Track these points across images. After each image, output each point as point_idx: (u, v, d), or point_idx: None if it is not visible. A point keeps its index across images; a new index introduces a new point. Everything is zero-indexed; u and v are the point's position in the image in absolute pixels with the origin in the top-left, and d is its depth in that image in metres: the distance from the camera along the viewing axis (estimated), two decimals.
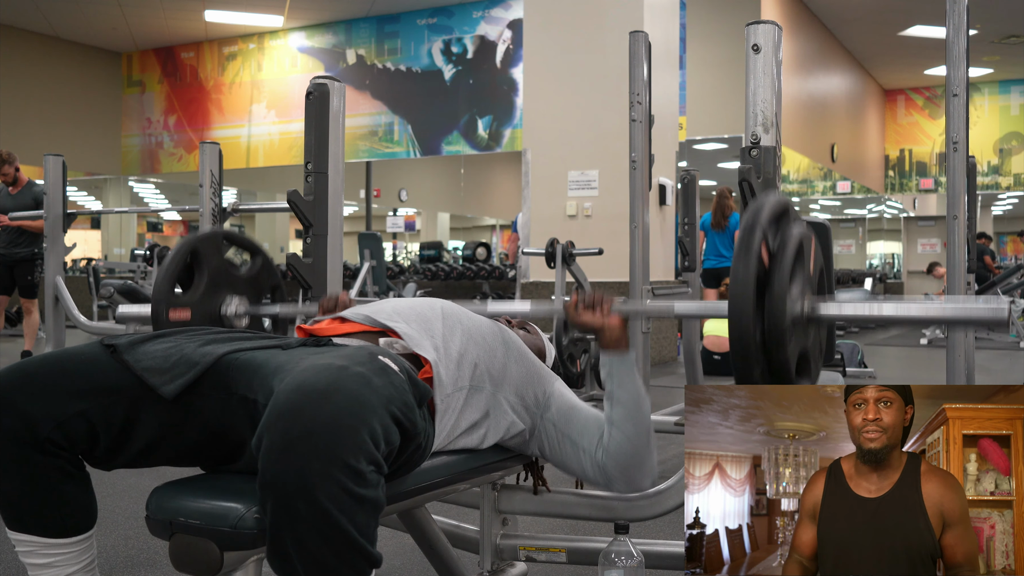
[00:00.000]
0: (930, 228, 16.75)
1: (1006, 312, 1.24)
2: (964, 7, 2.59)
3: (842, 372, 4.75)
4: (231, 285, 1.95)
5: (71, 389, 1.28)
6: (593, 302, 1.57)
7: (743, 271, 1.25)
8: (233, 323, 1.93)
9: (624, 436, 1.56)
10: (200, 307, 1.88)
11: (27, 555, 1.31)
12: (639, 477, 1.58)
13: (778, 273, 1.27)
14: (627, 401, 1.56)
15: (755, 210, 1.31)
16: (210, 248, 1.92)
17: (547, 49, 6.98)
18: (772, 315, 1.26)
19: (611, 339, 1.57)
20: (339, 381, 1.14)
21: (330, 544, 1.08)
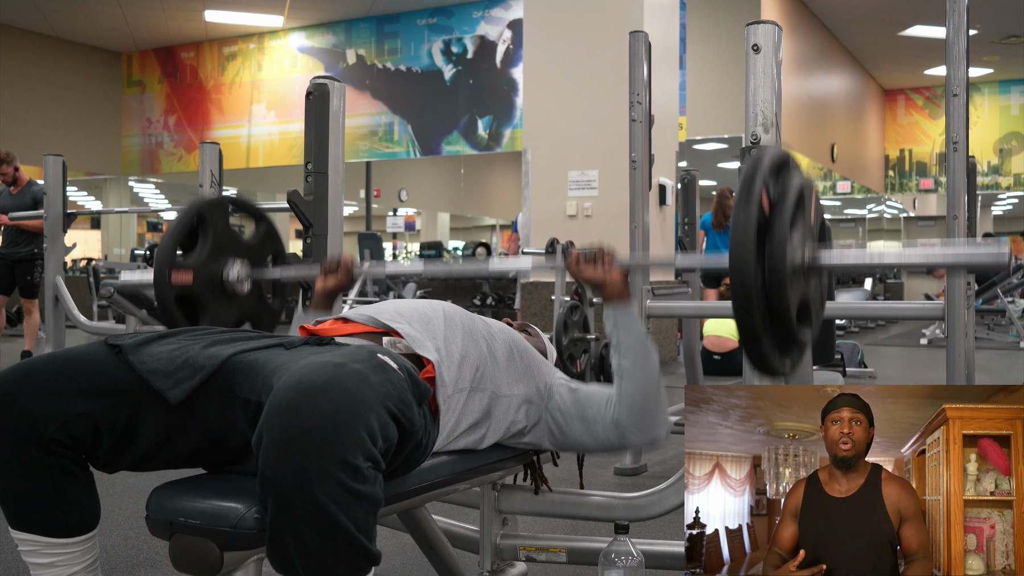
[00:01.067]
0: (930, 228, 16.75)
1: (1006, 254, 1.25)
2: (964, 7, 2.59)
3: (842, 372, 4.75)
4: (234, 250, 1.94)
5: (75, 389, 1.28)
6: (595, 256, 1.58)
7: (744, 217, 1.25)
8: (235, 288, 1.92)
9: (634, 384, 1.56)
10: (203, 270, 1.87)
11: (30, 554, 1.32)
12: (653, 425, 1.58)
13: (779, 220, 1.28)
14: (634, 348, 1.57)
15: (756, 159, 1.31)
16: (216, 212, 1.91)
17: (547, 49, 6.98)
18: (773, 261, 1.26)
19: (613, 292, 1.58)
20: (336, 378, 1.15)
21: (329, 541, 1.09)
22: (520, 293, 7.07)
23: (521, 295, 7.04)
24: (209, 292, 1.88)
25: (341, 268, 1.81)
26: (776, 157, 1.34)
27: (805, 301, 1.35)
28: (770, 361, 1.31)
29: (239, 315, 1.96)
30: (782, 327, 1.29)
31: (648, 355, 1.58)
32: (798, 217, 1.32)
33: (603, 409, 1.59)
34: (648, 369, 1.57)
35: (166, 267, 1.80)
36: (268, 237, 2.05)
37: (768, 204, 1.29)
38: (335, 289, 1.84)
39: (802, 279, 1.33)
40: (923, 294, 13.16)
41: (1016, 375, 6.70)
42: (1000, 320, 9.93)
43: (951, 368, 2.56)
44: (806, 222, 1.35)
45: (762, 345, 1.28)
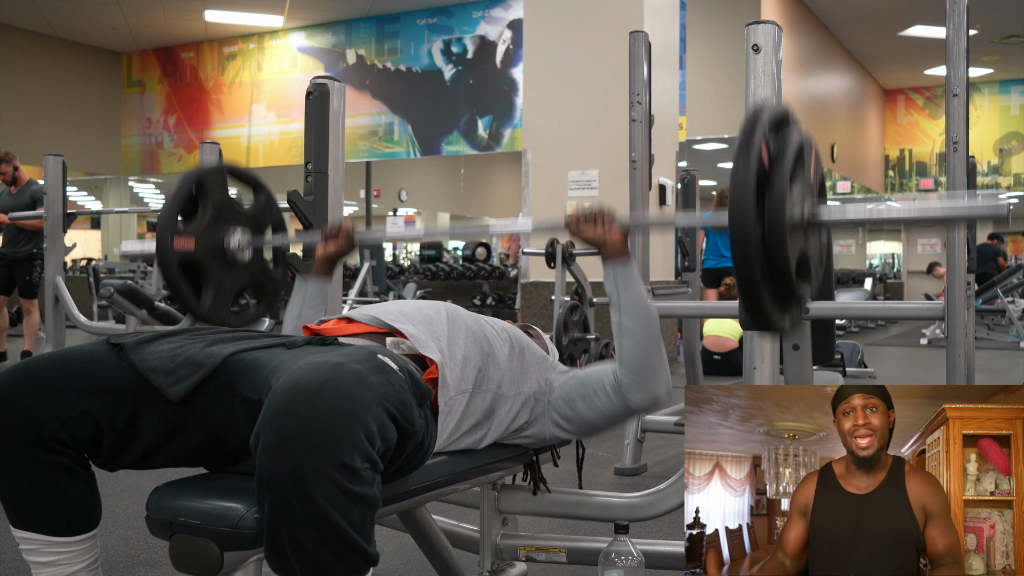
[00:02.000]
0: (930, 228, 16.74)
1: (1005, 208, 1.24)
2: (964, 7, 2.59)
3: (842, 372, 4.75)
4: (235, 218, 1.94)
5: (76, 388, 1.28)
6: (595, 216, 1.58)
7: (744, 170, 1.24)
8: (236, 255, 1.92)
9: (635, 342, 1.56)
10: (204, 237, 1.86)
11: (31, 553, 1.32)
12: (654, 383, 1.57)
13: (778, 173, 1.27)
14: (634, 304, 1.57)
15: (755, 112, 1.30)
16: (215, 180, 1.91)
17: (547, 49, 6.98)
18: (772, 213, 1.25)
19: (613, 250, 1.58)
20: (334, 378, 1.15)
21: (326, 542, 1.09)
22: (520, 293, 7.07)
23: (521, 295, 7.04)
24: (212, 259, 1.87)
25: (342, 233, 1.81)
26: (776, 112, 1.33)
27: (804, 257, 1.34)
28: (769, 315, 1.30)
29: (242, 283, 1.96)
30: (781, 280, 1.28)
31: (648, 312, 1.58)
32: (798, 172, 1.31)
33: (603, 380, 1.59)
34: (648, 326, 1.57)
35: (168, 233, 1.79)
36: (267, 207, 2.04)
37: (768, 158, 1.28)
38: (336, 255, 1.84)
39: (801, 234, 1.32)
40: (923, 294, 13.16)
41: (1016, 375, 6.70)
42: (1000, 320, 9.93)
43: (951, 368, 2.56)
44: (806, 178, 1.34)
45: (761, 297, 1.27)
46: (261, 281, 2.02)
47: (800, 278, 1.32)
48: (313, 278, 1.83)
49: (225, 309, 1.92)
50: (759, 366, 1.73)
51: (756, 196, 1.25)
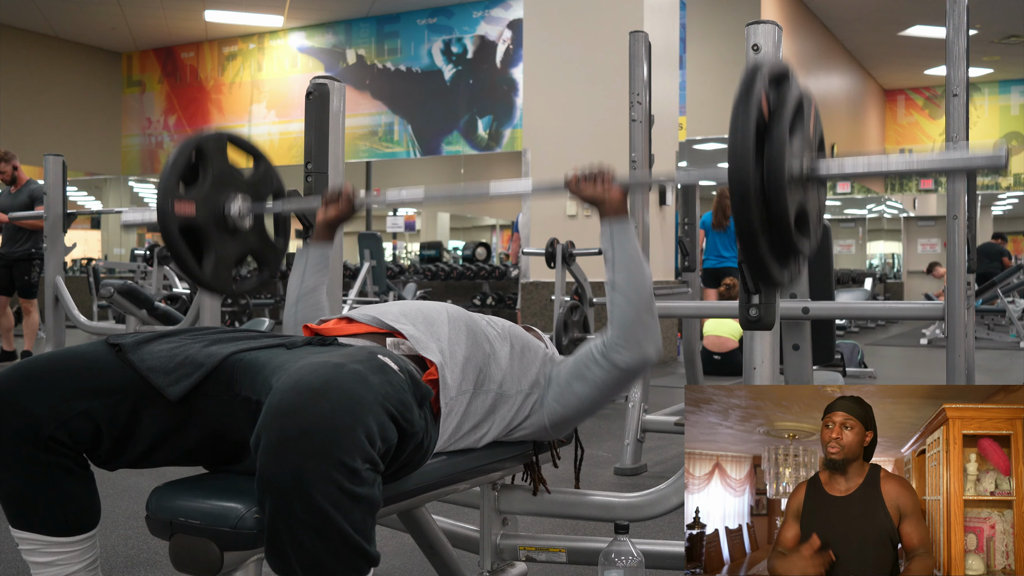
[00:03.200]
0: (930, 228, 16.75)
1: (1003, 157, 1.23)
2: (964, 7, 2.59)
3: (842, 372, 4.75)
4: (235, 186, 1.93)
5: (75, 388, 1.28)
6: (594, 174, 1.58)
7: (743, 118, 1.23)
8: (237, 222, 1.91)
9: (626, 299, 1.56)
10: (205, 203, 1.85)
11: (30, 553, 1.32)
12: (644, 342, 1.56)
13: (778, 124, 1.26)
14: (627, 262, 1.57)
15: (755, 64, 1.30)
16: (215, 147, 1.90)
17: (547, 49, 6.98)
18: (772, 163, 1.25)
19: (611, 208, 1.58)
20: (335, 379, 1.15)
21: (327, 543, 1.09)
22: (520, 293, 7.08)
23: (521, 295, 7.04)
24: (213, 225, 1.86)
25: (343, 198, 1.81)
26: (776, 66, 1.33)
27: (803, 210, 1.33)
28: (768, 267, 1.30)
29: (243, 250, 1.95)
30: (780, 231, 1.27)
31: (641, 270, 1.57)
32: (797, 125, 1.30)
33: (591, 352, 1.59)
34: (640, 284, 1.57)
35: (168, 197, 1.79)
36: (267, 176, 2.03)
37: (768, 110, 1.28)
38: (336, 219, 1.83)
39: (800, 188, 1.32)
40: (923, 294, 13.16)
41: (1016, 375, 6.70)
42: (1000, 320, 9.93)
43: (951, 368, 2.56)
44: (805, 132, 1.34)
45: (760, 248, 1.26)
46: (262, 249, 2.01)
47: (799, 231, 1.32)
48: (315, 244, 1.83)
49: (227, 275, 1.91)
50: (759, 366, 1.73)
51: (756, 145, 1.24)
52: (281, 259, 2.09)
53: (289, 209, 2.02)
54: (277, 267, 2.08)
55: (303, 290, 1.82)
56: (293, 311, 1.82)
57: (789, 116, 1.28)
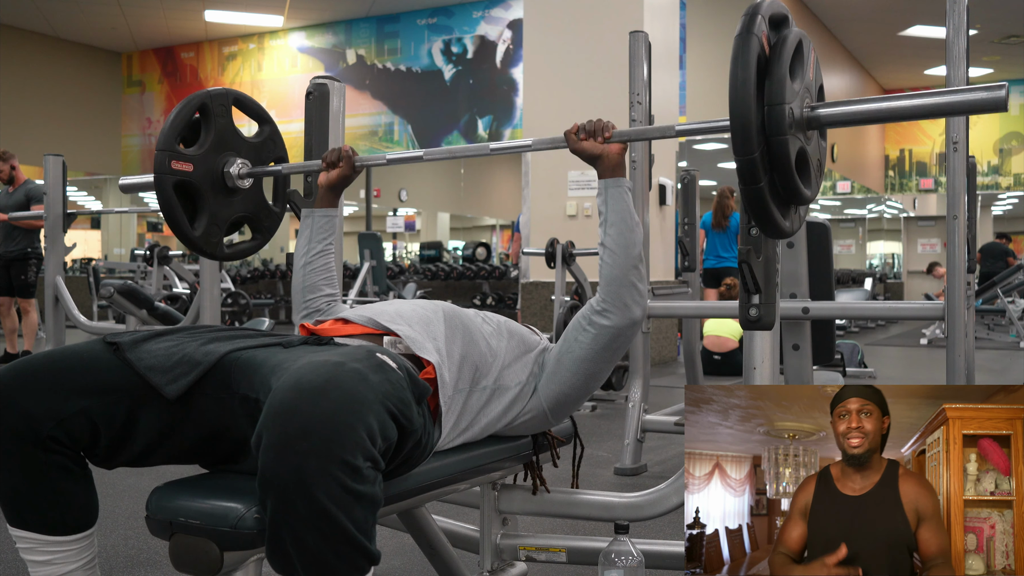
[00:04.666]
0: (930, 228, 16.75)
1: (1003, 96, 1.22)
2: (964, 7, 2.59)
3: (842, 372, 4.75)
4: (236, 148, 1.92)
5: (73, 387, 1.28)
6: (594, 129, 1.58)
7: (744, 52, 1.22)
8: (236, 184, 1.89)
9: (615, 259, 1.55)
10: (204, 162, 1.83)
11: (28, 552, 1.32)
12: (631, 302, 1.55)
13: (778, 61, 1.26)
14: (618, 220, 1.56)
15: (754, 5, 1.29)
16: (219, 106, 1.88)
17: (547, 49, 6.98)
18: (772, 98, 1.24)
19: (609, 165, 1.58)
20: (335, 378, 1.15)
21: (328, 541, 1.09)
22: (520, 293, 7.08)
23: (521, 295, 7.04)
24: (209, 184, 1.84)
25: (344, 159, 1.80)
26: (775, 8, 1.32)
27: (803, 153, 1.32)
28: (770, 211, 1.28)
29: (238, 213, 1.93)
30: (781, 172, 1.26)
31: (632, 230, 1.57)
32: (797, 66, 1.30)
33: (578, 322, 1.59)
34: (630, 243, 1.56)
35: (167, 155, 1.77)
36: (271, 139, 2.01)
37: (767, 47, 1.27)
38: (338, 181, 1.81)
39: (801, 132, 1.31)
40: (923, 294, 13.16)
41: (1016, 375, 6.70)
42: (1000, 320, 9.93)
43: (951, 368, 2.56)
44: (805, 75, 1.33)
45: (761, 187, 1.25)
46: (258, 214, 1.98)
47: (800, 173, 1.31)
48: (319, 208, 1.81)
49: (218, 238, 1.89)
50: (759, 366, 1.73)
51: (756, 82, 1.23)
52: (276, 226, 2.06)
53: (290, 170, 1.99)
54: (270, 234, 2.04)
55: (311, 255, 1.79)
56: (301, 275, 1.79)
57: (789, 55, 1.27)
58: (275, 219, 2.05)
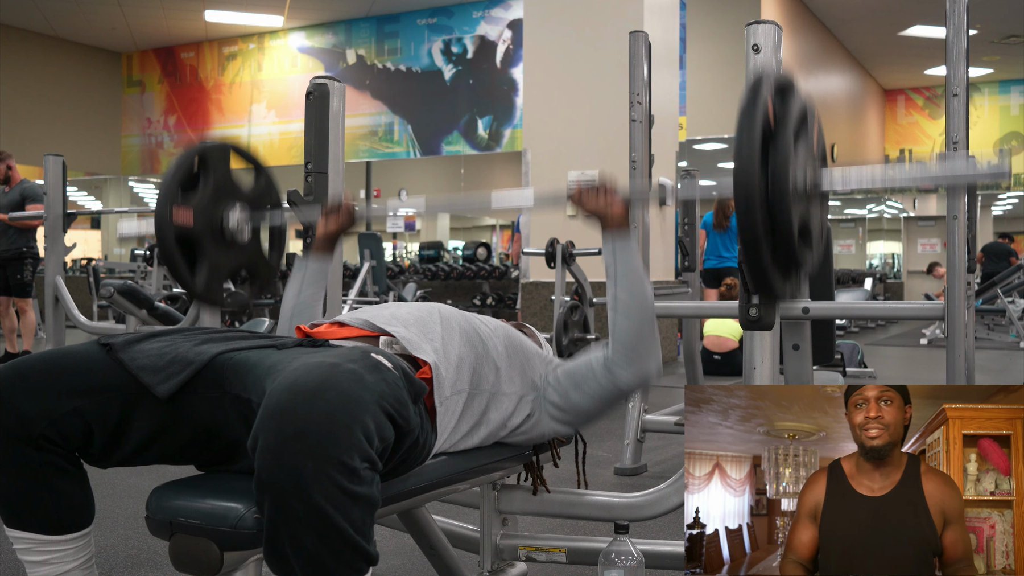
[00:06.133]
0: (930, 228, 16.74)
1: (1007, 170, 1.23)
2: (964, 7, 2.59)
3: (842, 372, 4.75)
4: (234, 196, 1.93)
5: (65, 387, 1.28)
6: (597, 187, 1.58)
7: (749, 126, 1.23)
8: (235, 234, 1.91)
9: (628, 317, 1.55)
10: (204, 212, 1.85)
11: (24, 552, 1.32)
12: (645, 360, 1.56)
13: (783, 133, 1.26)
14: (629, 278, 1.56)
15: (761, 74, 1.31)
16: (216, 156, 1.91)
17: (547, 49, 6.98)
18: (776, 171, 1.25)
19: (614, 222, 1.58)
20: (331, 379, 1.15)
21: (326, 542, 1.09)
22: (520, 293, 7.07)
23: (521, 295, 7.04)
24: (209, 235, 1.86)
25: (343, 210, 1.80)
26: (781, 77, 1.33)
27: (806, 221, 1.33)
28: (770, 277, 1.29)
29: (237, 263, 1.94)
30: (783, 241, 1.27)
31: (643, 287, 1.57)
32: (801, 135, 1.30)
33: (592, 364, 1.58)
34: (643, 301, 1.56)
35: (167, 205, 1.79)
36: (267, 189, 2.03)
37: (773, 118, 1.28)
38: (337, 232, 1.82)
39: (804, 199, 1.31)
40: (923, 294, 13.16)
41: (1016, 375, 6.70)
42: (1000, 320, 9.92)
43: (951, 368, 2.56)
44: (809, 143, 1.33)
45: (763, 256, 1.26)
46: (256, 263, 2.00)
47: (802, 242, 1.31)
48: (313, 256, 1.82)
49: (219, 287, 1.91)
50: (759, 366, 1.73)
51: (761, 153, 1.24)
52: (274, 274, 2.09)
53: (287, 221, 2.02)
54: (269, 282, 2.07)
55: (299, 303, 1.80)
56: (288, 324, 1.80)
57: (794, 126, 1.28)
58: (271, 268, 2.08)
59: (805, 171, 1.31)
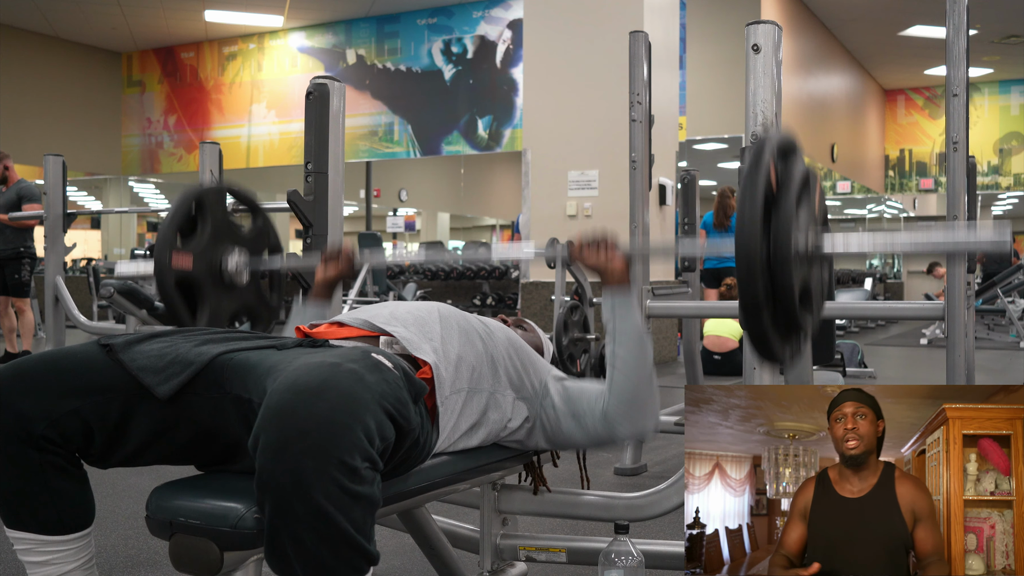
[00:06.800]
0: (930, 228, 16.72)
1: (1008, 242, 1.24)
2: (964, 7, 2.59)
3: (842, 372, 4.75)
4: (233, 239, 1.94)
5: (65, 387, 1.28)
6: (597, 242, 1.58)
7: (752, 191, 1.24)
8: (234, 278, 1.91)
9: (626, 375, 1.56)
10: (203, 256, 1.86)
11: (25, 553, 1.32)
12: (642, 417, 1.57)
13: (785, 198, 1.28)
14: (629, 336, 1.57)
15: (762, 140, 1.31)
16: (214, 200, 1.91)
17: (547, 49, 6.98)
18: (778, 236, 1.26)
19: (614, 278, 1.58)
20: (332, 379, 1.15)
21: (327, 542, 1.09)
22: (520, 293, 7.08)
23: (521, 295, 7.04)
24: (208, 280, 1.88)
25: (342, 257, 1.81)
26: (784, 140, 1.34)
27: (807, 285, 1.34)
28: (771, 342, 1.30)
29: (237, 306, 1.96)
30: (784, 306, 1.28)
31: (643, 345, 1.57)
32: (803, 200, 1.31)
33: (593, 403, 1.59)
34: (641, 359, 1.56)
35: (166, 251, 1.80)
36: (265, 231, 2.05)
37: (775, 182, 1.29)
38: (335, 279, 1.83)
39: (806, 264, 1.32)
40: (923, 294, 13.15)
41: (1016, 375, 6.70)
42: (1000, 320, 9.92)
43: (951, 368, 2.56)
44: (811, 207, 1.34)
45: (763, 321, 1.27)
46: (256, 306, 2.02)
47: (803, 307, 1.33)
48: (312, 301, 1.83)
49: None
50: (759, 366, 1.73)
51: (763, 218, 1.25)
52: (275, 316, 2.10)
53: (288, 267, 2.03)
54: (269, 325, 2.08)
55: None
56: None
57: (796, 190, 1.29)
58: (272, 310, 2.08)
59: (807, 235, 1.32)
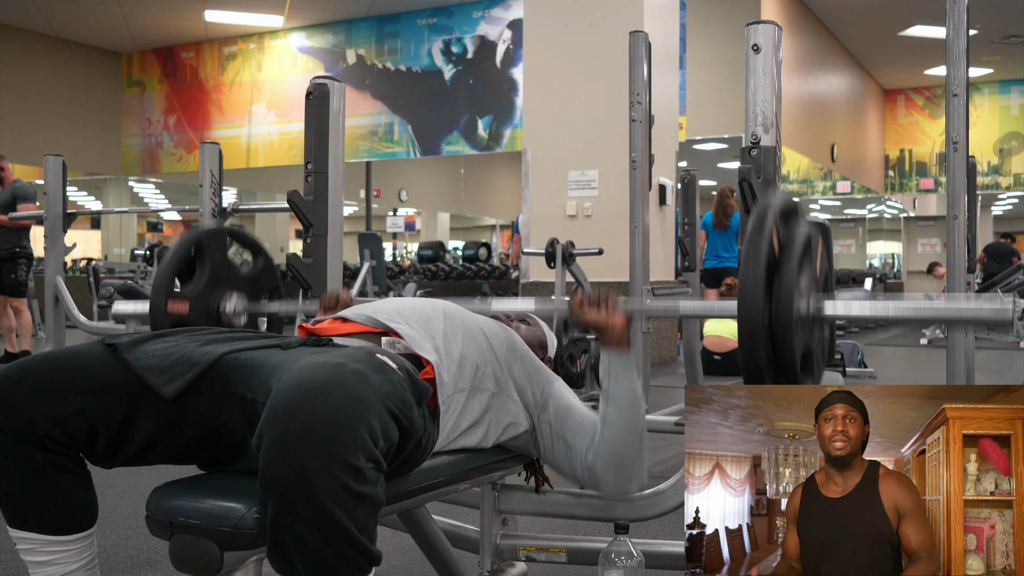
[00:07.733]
0: (930, 228, 16.74)
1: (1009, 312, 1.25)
2: (964, 7, 2.59)
3: (842, 372, 4.75)
4: (231, 282, 1.94)
5: (70, 387, 1.28)
6: (598, 300, 1.58)
7: (755, 256, 1.25)
8: (232, 321, 1.92)
9: (615, 436, 1.55)
10: (199, 302, 1.87)
11: (27, 553, 1.32)
12: (626, 479, 1.57)
13: (788, 262, 1.28)
14: (622, 400, 1.56)
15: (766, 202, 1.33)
16: (214, 243, 1.92)
17: (547, 49, 6.98)
18: (780, 303, 1.27)
19: (613, 337, 1.58)
20: (337, 379, 1.15)
21: (330, 542, 1.09)
22: (521, 293, 7.08)
23: (521, 295, 7.04)
24: (205, 324, 1.88)
25: (341, 304, 1.81)
26: (786, 202, 1.35)
27: (808, 350, 1.35)
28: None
29: None
30: (785, 372, 1.29)
31: (636, 410, 1.57)
32: (806, 263, 1.32)
33: (583, 445, 1.59)
34: (632, 424, 1.56)
35: (162, 296, 1.81)
36: (266, 271, 2.05)
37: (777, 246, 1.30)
38: None
39: (807, 327, 1.33)
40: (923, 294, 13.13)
41: (1016, 375, 6.70)
42: None
43: (951, 368, 2.56)
44: (812, 270, 1.35)
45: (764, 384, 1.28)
46: None
47: (804, 372, 1.34)
48: None
49: None
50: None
51: (766, 283, 1.26)
52: None
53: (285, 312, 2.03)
54: None
55: None
56: None
57: (798, 254, 1.29)
58: None
59: (809, 300, 1.33)
